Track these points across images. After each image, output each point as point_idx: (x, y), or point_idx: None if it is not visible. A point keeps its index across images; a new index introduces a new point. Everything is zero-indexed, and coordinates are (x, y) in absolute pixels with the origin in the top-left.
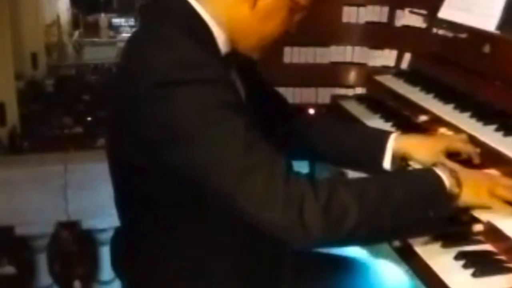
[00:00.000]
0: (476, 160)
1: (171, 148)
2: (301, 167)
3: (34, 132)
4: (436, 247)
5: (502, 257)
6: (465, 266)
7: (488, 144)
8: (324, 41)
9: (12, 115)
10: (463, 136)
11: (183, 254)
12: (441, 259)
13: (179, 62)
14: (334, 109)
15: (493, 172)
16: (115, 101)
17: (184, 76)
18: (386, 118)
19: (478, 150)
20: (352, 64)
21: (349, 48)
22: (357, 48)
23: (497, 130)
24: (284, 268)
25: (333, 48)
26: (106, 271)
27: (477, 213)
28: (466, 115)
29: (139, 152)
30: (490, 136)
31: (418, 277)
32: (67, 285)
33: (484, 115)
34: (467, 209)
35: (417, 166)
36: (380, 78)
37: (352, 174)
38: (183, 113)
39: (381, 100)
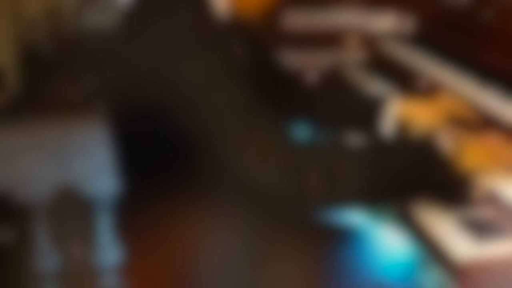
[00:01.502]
0: (478, 126)
1: (172, 113)
2: (302, 133)
3: (33, 97)
4: (436, 212)
5: (504, 223)
6: (466, 232)
7: (490, 109)
8: (324, 4)
9: (11, 79)
10: (465, 101)
11: (183, 220)
12: (442, 225)
13: (180, 27)
14: (333, 74)
15: (495, 137)
16: (117, 66)
17: (185, 41)
18: (387, 83)
19: (480, 115)
20: (352, 28)
21: (349, 11)
22: (357, 12)
23: (499, 95)
24: (284, 236)
25: (333, 12)
26: (106, 236)
27: (478, 179)
28: (468, 80)
29: (141, 117)
30: (492, 101)
31: (418, 243)
32: (65, 250)
33: (486, 80)
34: (468, 175)
35: (418, 131)
36: (381, 43)
37: (352, 141)
38: (184, 78)
39: (381, 65)
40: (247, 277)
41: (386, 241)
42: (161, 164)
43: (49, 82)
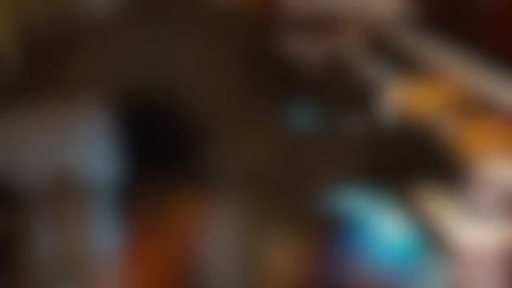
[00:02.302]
0: (480, 110)
1: (172, 99)
2: (302, 117)
3: (33, 80)
4: (437, 197)
5: (504, 207)
6: (467, 216)
7: (493, 94)
8: None
9: (10, 62)
10: (467, 86)
11: (183, 205)
12: (442, 209)
13: (180, 12)
14: (334, 59)
15: (496, 122)
16: (118, 51)
17: (185, 26)
18: (388, 67)
19: (482, 99)
20: (353, 12)
21: None
22: None
23: (502, 79)
24: (283, 220)
25: None
26: (106, 222)
27: (479, 163)
28: (471, 64)
29: (141, 102)
30: (495, 85)
31: (419, 228)
32: (65, 235)
33: (489, 64)
34: (469, 159)
35: (418, 115)
36: (382, 27)
37: (352, 125)
38: (183, 63)
39: (382, 50)
40: (246, 262)
41: (386, 226)
42: (161, 149)
43: (49, 66)
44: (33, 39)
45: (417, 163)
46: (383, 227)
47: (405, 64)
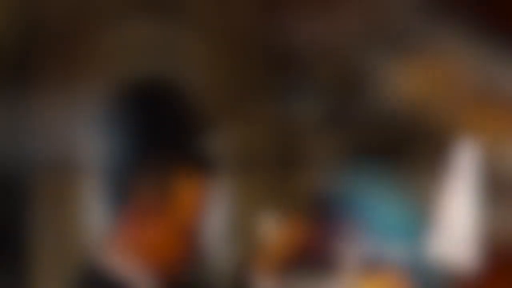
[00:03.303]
0: (478, 93)
1: (171, 84)
2: (300, 103)
3: (32, 67)
4: (434, 177)
5: (502, 189)
6: (465, 196)
7: (493, 78)
8: None
9: (9, 49)
10: (465, 69)
11: (180, 187)
12: (441, 189)
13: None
14: (332, 44)
15: (492, 105)
16: (119, 39)
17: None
18: (388, 51)
19: (482, 83)
20: None
21: None
22: None
23: (503, 62)
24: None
25: None
26: (106, 203)
27: (472, 145)
28: (469, 46)
29: (140, 88)
30: (495, 69)
31: (417, 206)
32: (60, 221)
33: (491, 47)
34: (463, 141)
35: (416, 98)
36: (382, 11)
37: (348, 109)
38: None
39: (383, 33)
40: (245, 238)
41: (380, 202)
42: (162, 132)
43: (51, 52)
44: (36, 26)
45: (412, 143)
46: (377, 203)
47: (404, 46)
